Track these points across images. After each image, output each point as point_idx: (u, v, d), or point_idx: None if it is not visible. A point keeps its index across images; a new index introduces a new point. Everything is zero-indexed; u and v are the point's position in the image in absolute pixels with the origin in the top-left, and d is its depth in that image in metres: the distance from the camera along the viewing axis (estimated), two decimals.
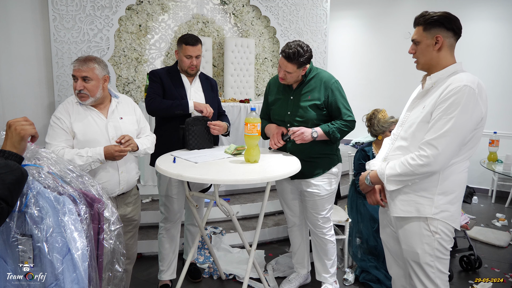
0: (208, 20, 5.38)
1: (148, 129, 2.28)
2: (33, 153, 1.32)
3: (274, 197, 3.86)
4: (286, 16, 5.65)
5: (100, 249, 1.37)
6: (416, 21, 1.75)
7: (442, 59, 1.71)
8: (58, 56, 4.67)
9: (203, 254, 3.14)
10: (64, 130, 1.94)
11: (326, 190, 2.46)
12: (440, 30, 1.68)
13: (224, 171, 2.03)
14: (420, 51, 1.74)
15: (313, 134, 2.30)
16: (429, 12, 1.73)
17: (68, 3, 4.59)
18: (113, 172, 2.02)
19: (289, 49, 2.23)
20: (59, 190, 1.27)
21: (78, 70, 1.94)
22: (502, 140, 4.22)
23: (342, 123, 2.35)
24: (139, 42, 5.03)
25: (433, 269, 1.73)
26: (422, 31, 1.71)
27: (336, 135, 2.34)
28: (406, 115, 1.83)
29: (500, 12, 5.14)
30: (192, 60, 2.51)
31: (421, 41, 1.72)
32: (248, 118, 2.18)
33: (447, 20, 1.69)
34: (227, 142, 4.03)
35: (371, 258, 2.87)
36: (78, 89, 1.95)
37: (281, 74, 2.34)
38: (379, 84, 6.32)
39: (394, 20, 5.96)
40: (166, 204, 2.59)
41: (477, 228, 3.97)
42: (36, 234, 1.18)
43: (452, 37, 1.70)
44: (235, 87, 5.46)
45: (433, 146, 1.60)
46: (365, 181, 1.88)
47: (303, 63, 2.29)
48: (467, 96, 1.56)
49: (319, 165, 2.44)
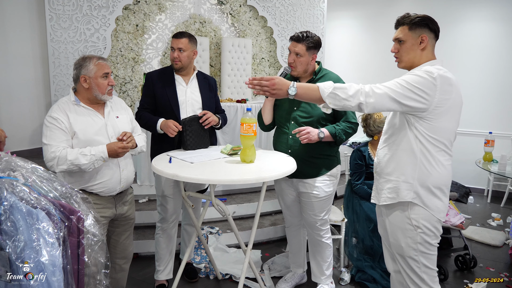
0: (205, 20, 5.38)
1: (139, 128, 2.33)
2: (7, 164, 1.23)
3: (270, 197, 3.86)
4: (283, 17, 5.66)
5: (80, 263, 1.30)
6: (401, 22, 1.83)
7: (424, 58, 1.79)
8: (55, 56, 4.66)
9: (199, 254, 3.15)
10: (62, 130, 1.94)
11: (324, 192, 2.45)
12: (425, 31, 1.78)
13: (220, 171, 2.03)
14: (404, 50, 1.80)
15: (319, 134, 2.27)
16: (411, 14, 1.83)
17: (65, 3, 4.58)
18: (116, 170, 2.05)
19: (298, 33, 2.34)
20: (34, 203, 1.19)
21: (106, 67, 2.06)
22: (497, 140, 4.23)
23: (347, 125, 2.34)
24: (136, 42, 5.02)
25: (418, 264, 1.78)
26: (407, 30, 1.79)
27: (342, 137, 2.32)
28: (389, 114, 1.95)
29: (496, 13, 5.16)
30: (173, 53, 2.51)
31: (406, 40, 1.79)
32: (244, 118, 2.18)
33: (431, 22, 1.79)
34: (224, 142, 4.04)
35: (367, 258, 2.88)
36: (110, 85, 2.06)
37: (290, 59, 2.35)
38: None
39: (391, 20, 5.91)
40: (163, 204, 2.60)
41: (473, 227, 3.99)
42: (8, 250, 1.12)
43: (434, 38, 1.81)
44: (232, 87, 5.46)
45: (372, 88, 1.69)
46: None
47: (313, 47, 2.33)
48: (423, 75, 1.66)
49: (319, 166, 2.43)
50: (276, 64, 5.88)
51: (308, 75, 2.43)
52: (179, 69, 2.55)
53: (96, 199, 2.02)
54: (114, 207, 2.09)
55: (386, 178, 1.85)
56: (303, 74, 2.41)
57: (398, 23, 1.85)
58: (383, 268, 2.77)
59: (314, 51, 2.36)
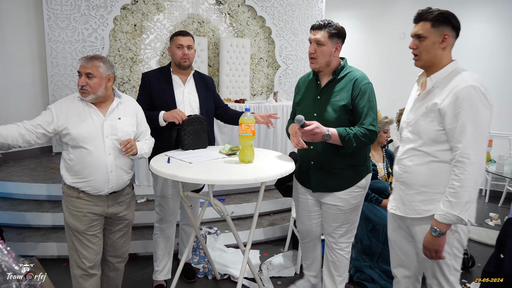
0: (204, 20, 5.38)
1: (148, 133, 2.30)
2: None
3: (269, 197, 3.86)
4: (281, 16, 5.66)
5: None
6: (423, 16, 1.69)
7: (444, 58, 1.69)
8: (53, 56, 4.66)
9: (198, 254, 3.15)
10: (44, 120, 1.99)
11: (351, 204, 2.18)
12: (448, 28, 1.66)
13: (218, 171, 2.03)
14: (424, 48, 1.69)
15: (325, 137, 1.96)
16: (434, 9, 1.69)
17: (63, 3, 4.57)
18: (102, 171, 2.03)
19: (319, 20, 2.11)
20: None
21: (83, 67, 2.00)
22: (495, 140, 4.25)
23: (361, 131, 2.01)
24: (134, 41, 5.02)
25: (449, 267, 1.73)
26: (430, 27, 1.66)
27: (351, 143, 1.99)
28: (409, 117, 1.81)
29: (495, 13, 5.18)
30: (183, 50, 2.50)
31: (428, 37, 1.67)
32: (243, 119, 2.18)
33: (455, 19, 1.67)
34: (222, 143, 4.04)
35: (365, 258, 2.88)
36: (80, 85, 2.00)
37: (311, 49, 2.09)
38: (374, 84, 6.25)
39: (389, 20, 5.98)
40: (161, 205, 2.59)
41: (471, 227, 3.99)
42: None
43: (455, 36, 1.70)
44: (230, 87, 5.46)
45: (464, 158, 1.57)
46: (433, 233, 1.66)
47: (336, 34, 2.07)
48: (476, 96, 1.57)
49: (345, 178, 2.14)
50: (274, 64, 5.88)
51: (330, 70, 2.14)
52: (188, 66, 2.56)
53: (86, 196, 2.04)
54: (106, 206, 2.09)
55: (419, 190, 1.74)
56: (325, 68, 2.12)
57: (419, 18, 1.70)
58: (382, 268, 2.77)
59: (338, 40, 2.09)
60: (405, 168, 1.79)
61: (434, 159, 1.69)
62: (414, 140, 1.75)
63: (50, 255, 3.11)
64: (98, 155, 2.01)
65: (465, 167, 1.57)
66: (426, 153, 1.71)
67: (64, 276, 2.74)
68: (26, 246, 3.09)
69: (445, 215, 1.61)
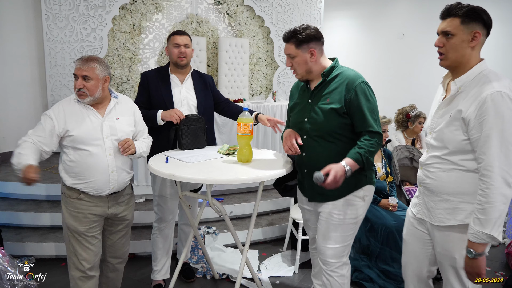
0: (202, 19, 5.38)
1: (146, 132, 2.31)
2: None
3: (267, 197, 3.87)
4: (280, 16, 5.67)
5: None
6: (451, 12, 1.56)
7: (473, 58, 1.57)
8: (51, 56, 4.65)
9: (196, 254, 3.15)
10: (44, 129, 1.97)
11: (346, 215, 2.00)
12: (479, 26, 1.54)
13: (216, 171, 2.03)
14: (452, 46, 1.56)
15: (347, 173, 1.84)
16: (464, 4, 1.56)
17: (61, 2, 4.57)
18: (103, 172, 2.03)
19: (286, 31, 2.00)
20: None
21: (79, 69, 1.99)
22: None
23: (370, 142, 1.89)
24: (133, 41, 5.02)
25: None
26: (459, 23, 1.54)
27: (369, 160, 1.91)
28: (433, 122, 1.73)
29: (495, 13, 5.16)
30: (180, 49, 2.50)
31: (456, 34, 1.54)
32: (241, 118, 2.18)
33: (487, 15, 1.55)
34: (220, 142, 4.04)
35: (363, 257, 2.89)
36: (77, 88, 1.99)
37: (287, 62, 2.04)
38: (373, 84, 6.22)
39: (388, 20, 5.99)
40: (160, 204, 2.59)
41: None
42: None
43: (485, 35, 1.57)
44: (229, 87, 5.47)
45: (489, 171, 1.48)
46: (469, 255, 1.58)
47: (303, 41, 1.93)
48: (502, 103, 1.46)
49: (341, 186, 1.89)
50: (273, 64, 5.89)
51: (316, 74, 2.01)
52: (185, 65, 2.56)
53: (87, 197, 2.04)
54: (107, 206, 2.09)
55: (443, 198, 1.67)
56: (308, 75, 2.02)
57: (447, 13, 1.57)
58: (380, 268, 2.78)
59: (309, 45, 1.94)
60: (430, 174, 1.72)
61: (459, 167, 1.61)
62: (438, 147, 1.66)
63: (49, 255, 3.11)
64: (99, 156, 2.01)
65: (490, 181, 1.47)
66: (451, 162, 1.63)
67: (62, 276, 2.74)
68: (25, 246, 3.09)
69: (476, 233, 1.51)
